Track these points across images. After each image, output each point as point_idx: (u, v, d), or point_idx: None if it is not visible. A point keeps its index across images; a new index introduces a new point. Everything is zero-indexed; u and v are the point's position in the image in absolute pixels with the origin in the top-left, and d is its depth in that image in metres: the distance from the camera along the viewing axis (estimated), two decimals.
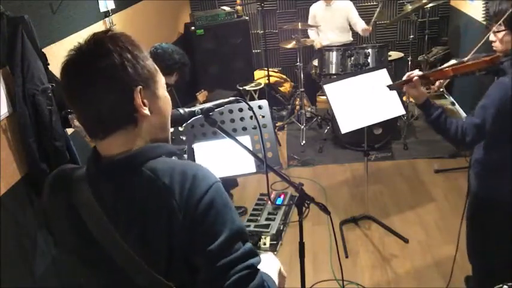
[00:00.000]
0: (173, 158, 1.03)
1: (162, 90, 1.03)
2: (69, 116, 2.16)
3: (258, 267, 0.97)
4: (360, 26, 4.79)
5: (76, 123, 2.01)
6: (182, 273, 0.94)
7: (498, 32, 1.81)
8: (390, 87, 2.12)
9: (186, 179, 0.93)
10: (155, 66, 1.01)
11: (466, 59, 1.88)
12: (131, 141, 0.97)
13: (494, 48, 1.87)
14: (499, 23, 1.77)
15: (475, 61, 1.81)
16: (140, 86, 0.95)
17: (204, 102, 4.28)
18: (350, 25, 4.96)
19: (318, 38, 4.97)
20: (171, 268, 0.93)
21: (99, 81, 0.91)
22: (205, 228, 0.92)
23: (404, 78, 1.99)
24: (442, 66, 1.98)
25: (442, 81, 2.09)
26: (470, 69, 1.85)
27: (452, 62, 2.03)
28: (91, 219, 0.96)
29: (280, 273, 1.21)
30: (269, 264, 1.18)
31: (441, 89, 2.12)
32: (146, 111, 0.96)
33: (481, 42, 1.85)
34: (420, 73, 1.95)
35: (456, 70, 1.89)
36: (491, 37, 1.85)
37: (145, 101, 0.96)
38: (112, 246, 0.94)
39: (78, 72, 0.94)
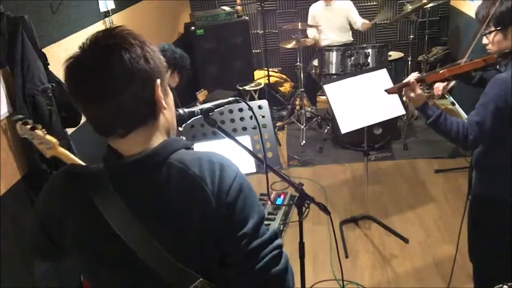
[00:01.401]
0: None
1: (168, 87, 1.04)
2: (19, 122, 1.82)
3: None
4: (360, 22, 4.80)
5: (26, 129, 1.79)
6: (211, 263, 0.96)
7: (489, 33, 1.84)
8: (388, 91, 2.14)
9: (214, 167, 0.95)
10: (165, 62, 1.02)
11: (461, 61, 1.92)
12: (151, 138, 0.97)
13: (488, 50, 1.90)
14: (484, 24, 1.83)
15: (468, 63, 1.88)
16: (159, 79, 0.95)
17: (204, 101, 4.29)
18: (350, 24, 4.96)
19: (317, 36, 4.96)
20: (203, 258, 0.95)
21: (122, 73, 0.89)
22: (236, 214, 0.94)
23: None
24: (438, 69, 2.02)
25: (444, 85, 2.12)
26: (465, 70, 1.89)
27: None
28: (115, 217, 0.94)
29: None
30: None
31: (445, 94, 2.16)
32: (165, 104, 0.98)
33: (473, 44, 1.92)
34: (416, 76, 1.98)
35: (452, 72, 1.93)
36: (484, 40, 1.89)
37: (161, 94, 0.96)
38: (139, 245, 0.93)
39: (96, 65, 0.90)
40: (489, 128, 1.76)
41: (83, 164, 1.54)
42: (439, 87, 2.19)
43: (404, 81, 2.01)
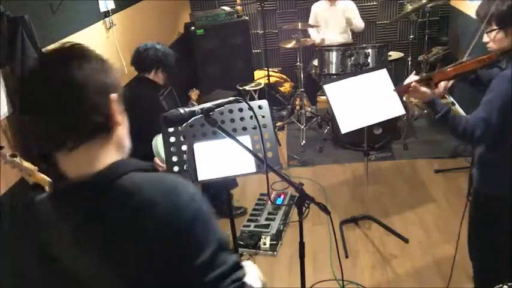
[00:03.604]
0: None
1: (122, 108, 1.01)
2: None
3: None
4: (360, 24, 4.85)
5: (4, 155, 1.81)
6: None
7: (490, 32, 1.87)
8: (397, 90, 2.27)
9: (168, 190, 0.90)
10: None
11: (464, 59, 1.95)
12: (102, 154, 0.93)
13: (489, 48, 1.92)
14: (484, 23, 1.87)
15: (473, 60, 1.91)
16: (117, 93, 0.94)
17: (198, 100, 4.28)
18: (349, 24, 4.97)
19: (319, 35, 4.97)
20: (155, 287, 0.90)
21: (79, 83, 0.88)
22: (191, 241, 0.89)
23: (406, 81, 2.11)
24: (443, 68, 2.06)
25: (446, 84, 2.15)
26: (471, 68, 1.93)
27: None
28: (61, 249, 0.91)
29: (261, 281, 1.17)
30: (251, 272, 1.13)
31: (445, 94, 2.22)
32: (120, 119, 0.95)
33: (473, 42, 1.97)
34: (417, 78, 2.05)
35: (456, 70, 1.97)
36: (485, 38, 1.91)
37: (117, 109, 0.95)
38: (87, 276, 0.90)
39: (53, 75, 0.88)
40: (495, 124, 1.78)
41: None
42: (440, 88, 2.20)
43: (405, 82, 2.08)
